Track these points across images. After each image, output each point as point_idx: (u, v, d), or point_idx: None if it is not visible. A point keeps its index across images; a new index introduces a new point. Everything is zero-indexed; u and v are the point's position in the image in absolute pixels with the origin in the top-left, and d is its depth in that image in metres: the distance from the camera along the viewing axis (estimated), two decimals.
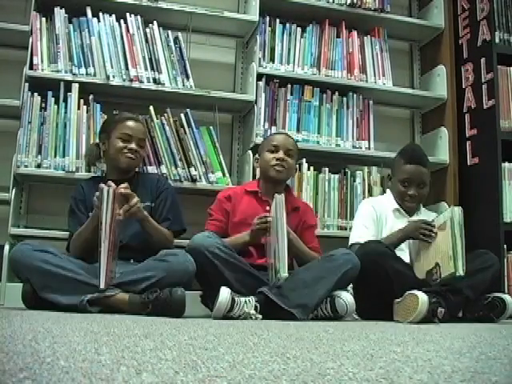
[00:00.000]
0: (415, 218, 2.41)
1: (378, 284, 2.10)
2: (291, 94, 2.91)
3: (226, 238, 2.18)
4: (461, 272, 2.00)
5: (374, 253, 2.09)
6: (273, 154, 2.32)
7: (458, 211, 2.09)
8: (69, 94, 2.55)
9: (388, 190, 2.55)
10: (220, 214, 2.30)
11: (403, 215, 2.42)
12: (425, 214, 2.48)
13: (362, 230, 2.37)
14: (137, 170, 2.40)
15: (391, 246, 2.20)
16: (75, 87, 2.56)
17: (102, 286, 1.85)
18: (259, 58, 2.87)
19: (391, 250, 2.16)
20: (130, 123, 2.28)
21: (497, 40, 2.93)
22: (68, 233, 2.24)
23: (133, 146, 2.24)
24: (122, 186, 2.01)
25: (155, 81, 2.67)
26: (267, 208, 2.26)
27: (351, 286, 2.26)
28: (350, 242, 2.38)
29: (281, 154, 2.31)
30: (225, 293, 1.87)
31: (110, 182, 1.99)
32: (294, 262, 2.27)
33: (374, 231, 2.37)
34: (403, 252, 2.27)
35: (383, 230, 2.37)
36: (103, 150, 2.32)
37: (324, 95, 2.96)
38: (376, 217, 2.40)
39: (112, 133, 2.26)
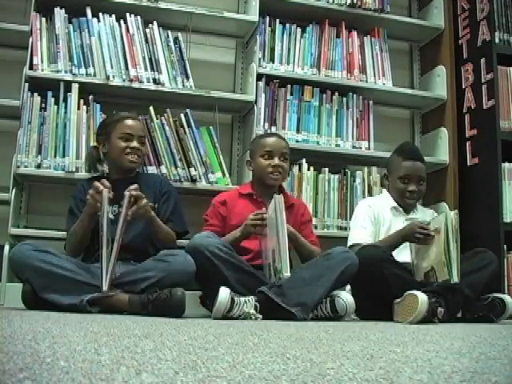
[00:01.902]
0: (412, 215, 2.42)
1: (377, 288, 2.11)
2: (291, 94, 2.91)
3: None
4: (455, 279, 2.01)
5: (372, 258, 2.09)
6: (267, 160, 2.31)
7: (453, 216, 2.08)
8: (69, 94, 2.55)
9: (384, 190, 2.56)
10: (215, 218, 2.30)
11: (401, 213, 2.43)
12: (421, 212, 2.48)
13: (360, 231, 2.38)
14: (138, 170, 2.40)
15: (389, 248, 2.20)
16: (75, 87, 2.56)
17: (105, 288, 1.84)
18: (259, 58, 2.87)
19: (389, 255, 2.15)
20: (130, 122, 2.28)
21: (497, 40, 2.93)
22: (66, 233, 2.24)
23: (135, 144, 2.24)
24: (132, 187, 2.00)
25: (155, 81, 2.67)
26: (263, 209, 2.27)
27: (349, 288, 2.26)
28: (349, 243, 2.38)
29: (276, 161, 2.30)
30: (224, 293, 1.87)
31: (103, 181, 1.99)
32: (294, 259, 2.28)
33: (371, 231, 2.37)
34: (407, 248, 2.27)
35: (381, 229, 2.37)
36: (103, 151, 2.31)
37: (324, 95, 2.96)
38: (374, 216, 2.41)
39: (112, 133, 2.26)
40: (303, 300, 1.95)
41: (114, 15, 2.69)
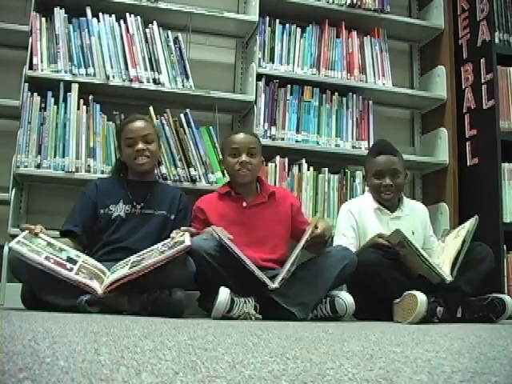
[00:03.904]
0: (398, 213, 2.40)
1: (376, 291, 2.12)
2: (291, 94, 2.91)
3: None
4: (448, 279, 2.01)
5: (370, 262, 2.09)
6: (235, 157, 2.29)
7: (474, 222, 2.14)
8: (68, 94, 2.55)
9: (367, 191, 2.55)
10: (198, 224, 2.27)
11: (385, 213, 2.40)
12: (408, 207, 2.45)
13: (340, 239, 2.36)
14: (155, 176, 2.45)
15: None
16: (75, 87, 2.56)
17: (100, 292, 1.84)
18: (259, 58, 2.87)
19: (387, 258, 2.14)
20: (130, 125, 2.29)
21: (496, 40, 2.94)
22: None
23: (139, 146, 2.24)
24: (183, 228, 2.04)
25: (155, 81, 2.67)
26: (243, 204, 2.27)
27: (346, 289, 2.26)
28: None
29: (243, 157, 2.27)
30: (224, 293, 1.87)
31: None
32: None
33: (352, 238, 2.35)
34: None
35: (367, 231, 2.35)
36: (122, 159, 2.34)
37: (324, 95, 2.96)
38: (355, 221, 2.38)
39: (121, 141, 2.31)
40: (303, 300, 1.95)
41: (113, 15, 2.69)
